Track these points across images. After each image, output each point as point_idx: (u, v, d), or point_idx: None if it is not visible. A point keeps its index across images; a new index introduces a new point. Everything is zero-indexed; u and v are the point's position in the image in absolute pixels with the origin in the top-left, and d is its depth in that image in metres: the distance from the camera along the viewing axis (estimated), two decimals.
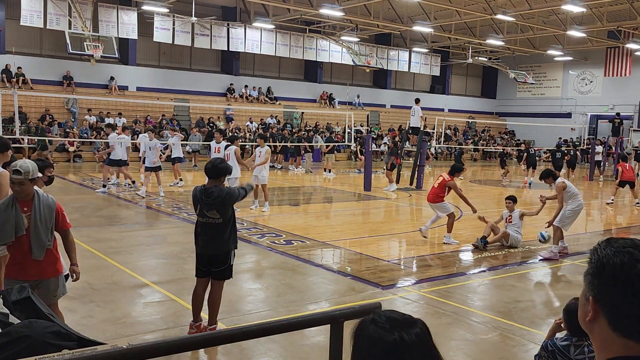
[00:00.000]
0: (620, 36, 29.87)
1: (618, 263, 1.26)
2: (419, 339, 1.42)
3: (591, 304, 1.30)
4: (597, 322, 1.29)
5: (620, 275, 1.25)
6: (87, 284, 6.94)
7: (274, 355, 5.14)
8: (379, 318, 1.45)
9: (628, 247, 1.28)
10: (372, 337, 1.42)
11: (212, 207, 5.29)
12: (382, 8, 27.61)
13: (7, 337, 2.56)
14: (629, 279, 1.24)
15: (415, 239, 10.75)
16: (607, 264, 1.28)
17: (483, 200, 16.98)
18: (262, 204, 12.83)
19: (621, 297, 1.24)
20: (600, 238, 1.40)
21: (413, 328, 1.43)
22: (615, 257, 1.27)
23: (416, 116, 19.29)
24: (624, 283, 1.24)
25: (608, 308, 1.27)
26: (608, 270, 1.27)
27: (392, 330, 1.40)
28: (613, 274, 1.26)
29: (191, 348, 2.35)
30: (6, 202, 4.36)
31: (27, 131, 22.51)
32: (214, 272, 5.44)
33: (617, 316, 1.25)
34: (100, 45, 22.55)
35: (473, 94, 43.84)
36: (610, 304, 1.26)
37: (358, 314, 2.60)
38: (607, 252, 1.29)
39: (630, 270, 1.24)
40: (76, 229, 10.24)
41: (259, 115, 31.28)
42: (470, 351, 5.35)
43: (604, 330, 1.27)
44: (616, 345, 1.26)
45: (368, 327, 1.45)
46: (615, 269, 1.26)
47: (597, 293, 1.29)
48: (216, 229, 5.34)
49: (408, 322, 1.45)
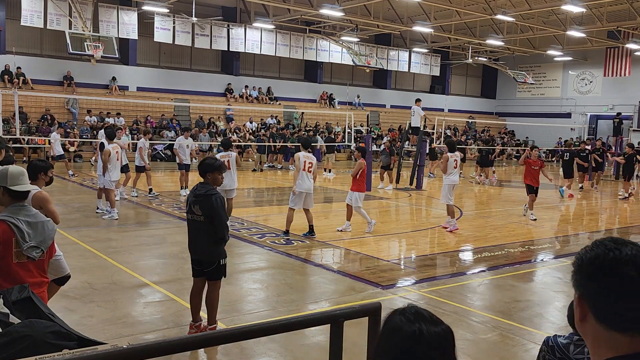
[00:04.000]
0: (620, 36, 29.87)
1: (593, 256, 1.29)
2: (438, 338, 1.45)
3: (578, 302, 1.31)
4: (587, 321, 1.30)
5: (595, 266, 1.28)
6: (87, 284, 6.95)
7: (274, 355, 5.15)
8: (407, 310, 1.51)
9: (604, 241, 1.31)
10: (395, 325, 1.48)
11: (195, 203, 5.39)
12: (382, 8, 27.62)
13: (8, 337, 2.57)
14: (602, 269, 1.26)
15: (415, 239, 10.76)
16: (584, 259, 1.30)
17: (480, 201, 16.99)
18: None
19: (599, 288, 1.26)
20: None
21: (435, 327, 1.47)
22: (590, 252, 1.30)
23: (416, 116, 19.30)
24: (599, 273, 1.27)
25: (592, 303, 1.28)
26: (585, 264, 1.30)
27: (414, 322, 1.46)
28: (589, 267, 1.29)
29: (191, 348, 2.36)
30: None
31: (28, 131, 22.55)
32: (206, 272, 5.47)
33: (601, 309, 1.27)
34: (101, 45, 22.55)
35: (473, 94, 43.84)
36: (594, 298, 1.28)
37: (358, 314, 2.61)
38: (584, 249, 1.32)
39: (603, 260, 1.27)
40: (76, 229, 10.28)
41: (259, 115, 31.29)
42: (470, 351, 5.36)
43: (594, 328, 1.29)
44: (606, 341, 1.27)
45: (395, 316, 1.51)
46: (591, 261, 1.29)
47: (582, 290, 1.30)
48: (199, 228, 5.39)
49: (434, 321, 1.49)
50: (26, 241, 3.63)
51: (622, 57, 33.27)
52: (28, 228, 3.67)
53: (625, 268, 1.24)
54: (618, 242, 1.29)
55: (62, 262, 5.27)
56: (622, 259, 1.25)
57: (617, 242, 1.30)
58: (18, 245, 3.61)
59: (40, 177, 5.40)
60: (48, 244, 3.79)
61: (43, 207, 5.13)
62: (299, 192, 9.88)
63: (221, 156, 10.68)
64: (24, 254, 3.63)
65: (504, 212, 14.29)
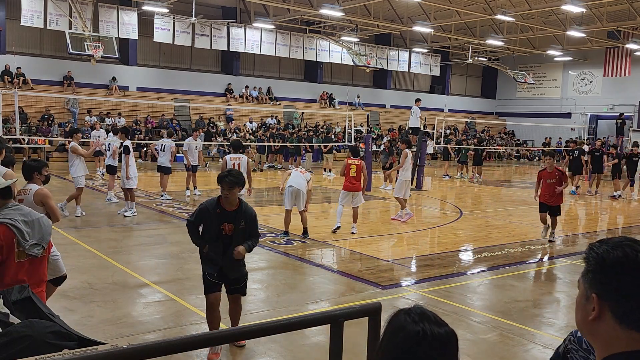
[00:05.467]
0: (619, 36, 29.87)
1: (620, 255, 1.29)
2: (440, 339, 1.46)
3: (595, 301, 1.31)
4: (602, 320, 1.30)
5: (625, 266, 1.27)
6: (87, 284, 6.95)
7: (274, 355, 5.15)
8: (413, 310, 1.52)
9: (625, 242, 1.31)
10: (399, 324, 1.49)
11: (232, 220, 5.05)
12: (382, 8, 27.62)
13: (8, 337, 2.57)
14: (629, 270, 1.26)
15: (415, 239, 10.76)
16: (608, 259, 1.29)
17: (481, 201, 16.98)
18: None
19: (623, 288, 1.26)
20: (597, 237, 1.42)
21: (439, 328, 1.47)
22: (614, 251, 1.30)
23: (415, 116, 19.31)
24: (629, 274, 1.26)
25: (614, 302, 1.28)
26: (609, 263, 1.29)
27: (418, 323, 1.47)
28: (616, 267, 1.28)
29: (191, 348, 2.36)
30: None
31: (28, 131, 22.54)
32: (239, 287, 5.25)
33: (624, 308, 1.26)
34: (101, 45, 22.54)
35: (473, 94, 43.84)
36: (617, 298, 1.27)
37: (358, 314, 2.61)
38: (605, 248, 1.32)
39: (634, 260, 1.27)
40: (76, 228, 10.28)
41: (259, 115, 31.30)
42: (470, 351, 5.36)
43: (610, 327, 1.28)
44: (622, 340, 1.27)
45: (400, 316, 1.52)
46: (618, 261, 1.28)
47: (601, 289, 1.29)
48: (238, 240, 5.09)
49: (438, 322, 1.50)
50: (27, 240, 3.64)
51: (622, 57, 33.27)
52: (26, 227, 3.68)
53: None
54: (639, 243, 1.30)
55: (59, 262, 5.30)
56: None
57: (637, 242, 1.31)
58: (19, 245, 3.63)
59: (35, 176, 5.42)
60: (47, 239, 3.81)
61: (45, 203, 5.16)
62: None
63: (231, 158, 9.93)
64: (26, 252, 3.64)
65: (504, 212, 14.29)
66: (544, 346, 5.50)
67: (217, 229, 4.95)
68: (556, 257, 9.71)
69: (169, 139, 15.16)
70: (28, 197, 5.18)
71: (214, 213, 4.96)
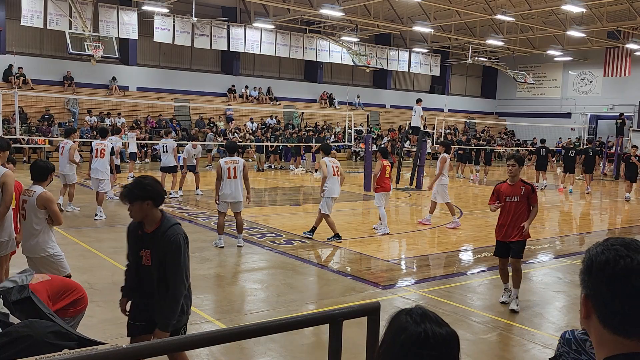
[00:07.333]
0: (619, 36, 29.87)
1: (603, 260, 1.29)
2: (443, 340, 1.46)
3: (583, 301, 1.32)
4: (591, 320, 1.31)
5: (605, 272, 1.27)
6: (87, 283, 6.95)
7: (274, 355, 5.15)
8: (414, 310, 1.52)
9: (615, 245, 1.30)
10: (401, 325, 1.49)
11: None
12: (382, 8, 27.62)
13: (8, 337, 2.57)
14: (612, 276, 1.26)
15: (415, 239, 10.77)
16: (595, 262, 1.30)
17: (483, 200, 16.93)
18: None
19: (606, 293, 1.26)
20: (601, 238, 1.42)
21: (440, 329, 1.48)
22: (601, 255, 1.30)
23: (417, 116, 19.32)
24: (608, 280, 1.27)
25: (598, 305, 1.29)
26: (595, 267, 1.30)
27: (420, 323, 1.47)
28: (599, 271, 1.29)
29: (191, 347, 2.36)
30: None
31: (28, 131, 22.55)
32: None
33: (605, 313, 1.27)
34: (101, 45, 22.55)
35: (473, 94, 43.85)
36: (600, 301, 1.28)
37: (357, 314, 2.61)
38: (596, 251, 1.32)
39: (614, 266, 1.27)
40: (76, 228, 10.29)
41: (259, 115, 31.30)
42: (470, 351, 5.36)
43: (597, 328, 1.29)
44: (609, 343, 1.28)
45: (401, 316, 1.52)
46: (601, 266, 1.29)
47: (589, 290, 1.31)
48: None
49: (439, 323, 1.50)
50: None
51: (622, 57, 33.26)
52: None
53: (634, 277, 1.24)
54: (630, 248, 1.29)
55: (64, 261, 5.37)
56: (634, 268, 1.25)
57: (629, 247, 1.29)
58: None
59: (49, 177, 5.52)
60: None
61: (47, 208, 5.20)
62: (332, 197, 9.96)
63: (226, 162, 9.11)
64: None
65: None
66: (544, 346, 5.50)
67: (137, 256, 3.87)
68: (556, 257, 9.72)
69: (170, 138, 15.22)
70: (32, 199, 5.20)
71: (136, 234, 3.88)
